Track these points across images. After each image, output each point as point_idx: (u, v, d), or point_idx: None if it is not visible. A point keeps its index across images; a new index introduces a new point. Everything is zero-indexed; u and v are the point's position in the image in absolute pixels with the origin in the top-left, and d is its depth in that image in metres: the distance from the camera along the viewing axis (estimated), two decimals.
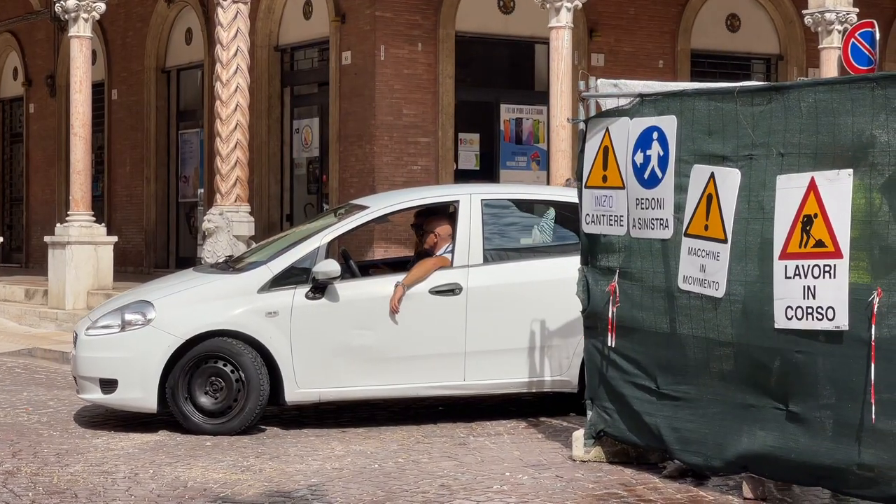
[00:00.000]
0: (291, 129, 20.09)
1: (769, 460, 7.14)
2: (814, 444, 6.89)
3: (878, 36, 15.66)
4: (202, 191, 20.67)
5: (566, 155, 15.35)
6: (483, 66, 19.44)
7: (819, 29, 17.11)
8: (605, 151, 8.36)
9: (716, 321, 7.47)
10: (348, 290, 9.68)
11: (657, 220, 7.93)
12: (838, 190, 6.77)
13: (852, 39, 15.79)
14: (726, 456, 7.40)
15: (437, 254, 9.99)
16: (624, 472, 8.04)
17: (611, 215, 8.31)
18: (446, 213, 10.18)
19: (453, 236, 9.92)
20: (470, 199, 10.05)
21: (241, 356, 9.43)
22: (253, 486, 7.72)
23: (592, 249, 8.51)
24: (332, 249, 10.03)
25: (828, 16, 16.98)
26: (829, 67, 16.83)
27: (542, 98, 17.41)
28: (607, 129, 8.32)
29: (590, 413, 8.43)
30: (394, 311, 9.61)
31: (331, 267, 9.52)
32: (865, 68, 15.31)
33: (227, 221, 14.67)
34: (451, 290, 9.75)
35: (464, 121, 18.76)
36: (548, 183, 16.96)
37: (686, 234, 7.68)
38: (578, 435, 8.48)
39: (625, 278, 8.17)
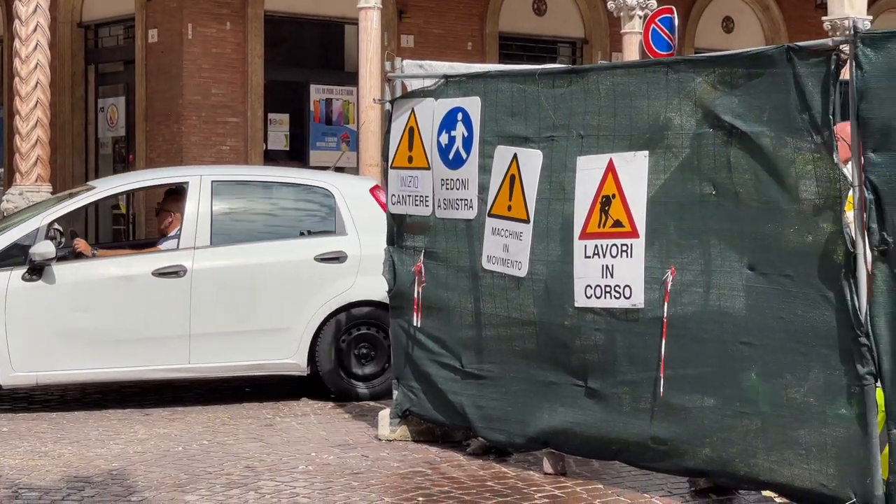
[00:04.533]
0: (96, 107, 19.63)
1: (569, 436, 7.30)
2: (611, 419, 7.06)
3: (676, 22, 16.10)
4: (2, 170, 20.05)
5: (376, 136, 15.35)
6: (293, 46, 19.31)
7: (621, 14, 17.49)
8: (411, 132, 8.40)
9: (519, 300, 7.59)
10: (67, 271, 9.50)
11: (462, 200, 8.00)
12: (635, 171, 6.94)
13: (653, 25, 16.21)
14: (528, 432, 7.53)
15: (170, 234, 9.92)
16: (429, 451, 8.12)
17: (416, 196, 8.36)
18: (185, 194, 10.03)
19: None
20: (200, 180, 9.97)
21: None
22: (51, 471, 7.54)
23: (398, 229, 8.55)
24: (74, 231, 9.82)
25: (629, 1, 17.36)
26: (631, 52, 17.22)
27: (352, 79, 17.39)
28: (413, 110, 8.36)
29: (396, 392, 8.48)
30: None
31: (46, 248, 9.32)
32: (665, 53, 15.73)
33: (28, 202, 14.23)
34: (176, 273, 9.63)
35: (273, 101, 18.61)
36: (357, 164, 16.98)
37: (490, 215, 7.77)
38: (384, 414, 8.52)
39: (430, 258, 8.23)
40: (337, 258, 9.95)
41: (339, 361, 9.94)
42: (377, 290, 9.41)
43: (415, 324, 8.26)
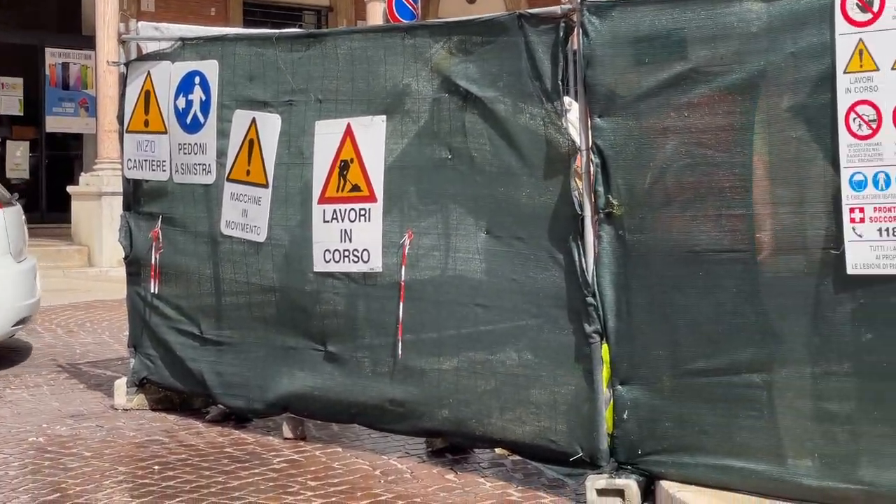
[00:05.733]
0: None
1: (308, 400, 7.31)
2: (350, 383, 7.10)
3: None
4: None
5: (114, 101, 14.94)
6: (26, 7, 18.62)
7: None
8: (147, 96, 8.21)
9: (258, 266, 7.54)
10: None
11: (200, 165, 7.89)
12: (373, 136, 6.99)
13: None
14: (268, 398, 7.51)
15: None
16: (167, 419, 7.99)
17: (153, 160, 8.19)
18: None
19: None
20: None
21: None
22: None
23: (135, 195, 8.36)
24: None
25: None
26: (376, 20, 17.30)
27: (90, 43, 16.91)
28: (149, 73, 8.17)
29: (132, 360, 8.31)
30: None
31: None
32: (409, 22, 15.86)
33: None
34: None
35: (5, 64, 17.93)
36: (96, 130, 16.53)
37: (228, 180, 7.69)
38: (121, 383, 8.34)
39: (168, 224, 8.08)
40: None
41: None
42: None
43: (152, 290, 8.11)
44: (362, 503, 6.15)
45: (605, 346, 6.16)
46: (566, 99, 6.34)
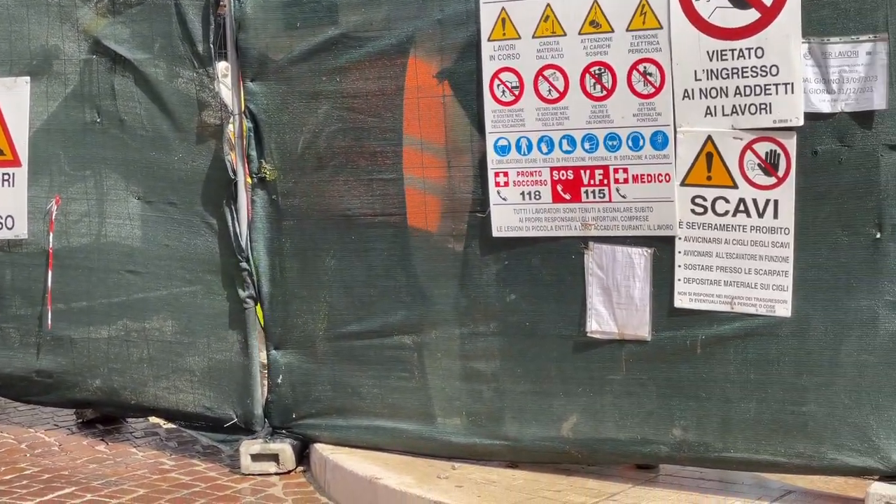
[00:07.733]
0: None
1: None
2: None
3: None
4: None
5: None
6: None
7: None
8: None
9: None
10: None
11: None
12: (16, 98, 6.74)
13: None
14: None
15: None
16: None
17: None
18: None
19: None
20: None
21: None
22: None
23: None
24: None
25: None
26: None
27: None
28: None
29: None
30: None
31: None
32: None
33: None
34: None
35: None
36: None
37: None
38: None
39: None
40: None
41: None
42: None
43: None
44: (6, 479, 5.92)
45: (259, 311, 6.14)
46: (223, 64, 6.27)
